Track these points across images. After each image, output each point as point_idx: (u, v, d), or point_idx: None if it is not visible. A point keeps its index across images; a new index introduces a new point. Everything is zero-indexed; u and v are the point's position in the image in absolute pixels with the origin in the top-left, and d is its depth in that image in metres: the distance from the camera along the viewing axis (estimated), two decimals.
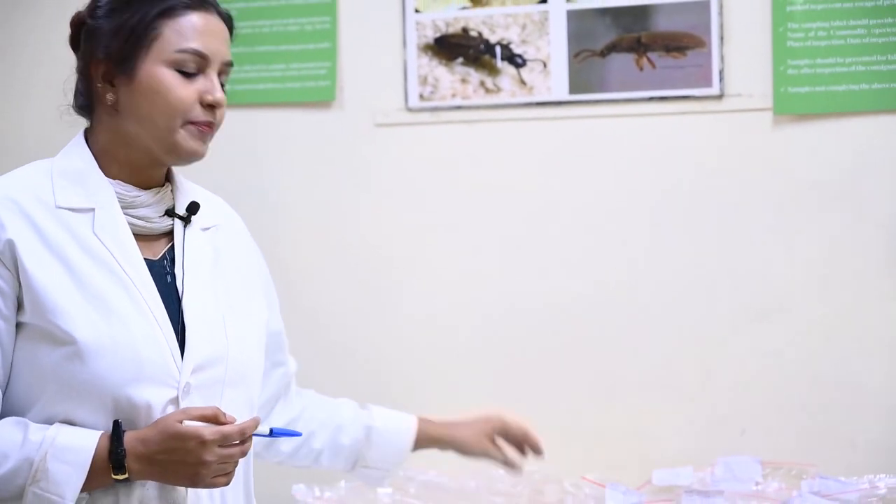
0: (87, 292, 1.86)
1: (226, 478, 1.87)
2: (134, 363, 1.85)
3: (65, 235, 1.87)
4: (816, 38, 2.95)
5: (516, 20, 3.17)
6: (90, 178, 1.92)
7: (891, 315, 2.96)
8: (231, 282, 2.05)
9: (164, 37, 1.89)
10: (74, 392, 1.84)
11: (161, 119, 1.89)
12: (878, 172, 2.95)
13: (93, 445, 1.81)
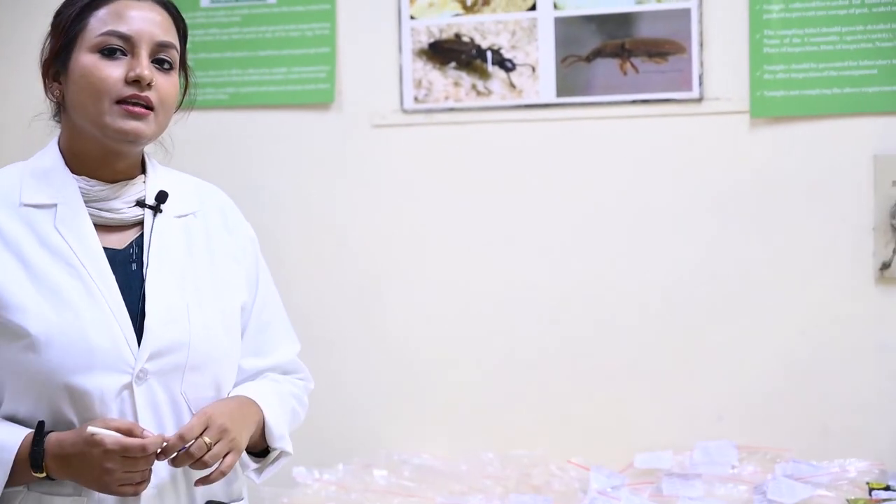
0: (42, 286, 1.86)
1: (132, 488, 1.83)
2: (85, 351, 1.84)
3: (25, 232, 1.88)
4: (791, 45, 2.95)
5: (506, 27, 3.17)
6: (55, 175, 1.93)
7: (860, 309, 2.96)
8: (204, 267, 2.02)
9: (89, 26, 1.89)
10: (31, 383, 1.84)
11: (89, 102, 1.88)
12: (849, 172, 2.95)
13: (16, 444, 1.82)
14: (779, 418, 3.00)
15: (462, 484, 2.90)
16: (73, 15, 1.91)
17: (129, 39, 1.89)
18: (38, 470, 1.81)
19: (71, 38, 1.90)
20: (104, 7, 1.90)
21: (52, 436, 1.82)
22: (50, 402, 1.84)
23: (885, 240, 2.92)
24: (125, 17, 1.90)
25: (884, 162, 2.91)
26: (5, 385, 1.87)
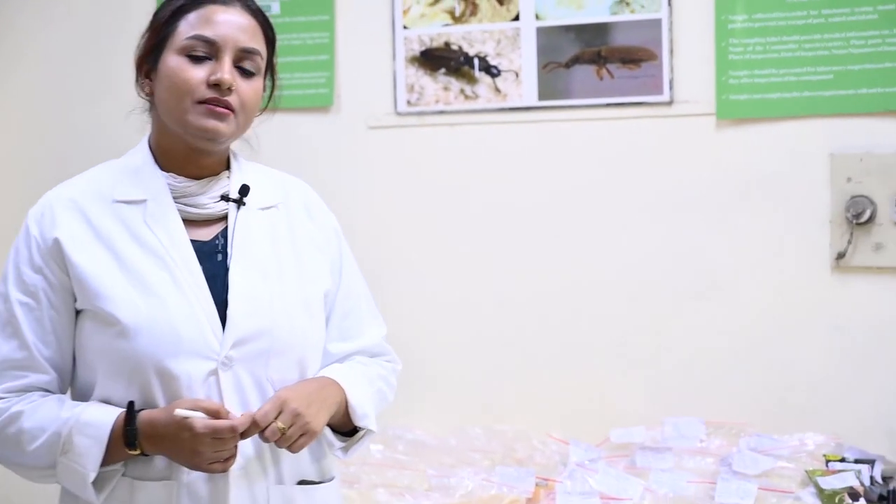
0: (132, 277, 1.85)
1: (221, 465, 1.81)
2: (172, 339, 1.83)
3: (117, 226, 1.88)
4: (754, 52, 2.98)
5: (492, 36, 3.19)
6: (146, 172, 1.92)
7: (818, 295, 2.98)
8: (287, 257, 2.00)
9: (179, 29, 1.88)
10: (123, 368, 1.84)
11: (173, 101, 1.87)
12: (807, 170, 2.97)
13: (110, 422, 1.81)
14: (743, 396, 3.02)
15: (451, 457, 2.91)
16: (165, 17, 1.91)
17: (213, 44, 1.87)
18: (132, 448, 1.81)
19: (162, 39, 1.89)
20: (194, 11, 1.89)
21: (143, 414, 1.81)
22: (140, 386, 1.84)
23: (840, 232, 2.94)
24: (212, 22, 1.88)
25: (839, 160, 2.93)
26: (98, 372, 1.86)
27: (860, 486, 2.66)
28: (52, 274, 1.86)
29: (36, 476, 1.89)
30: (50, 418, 1.83)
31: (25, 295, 1.86)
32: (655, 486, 2.71)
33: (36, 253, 1.86)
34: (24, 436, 1.83)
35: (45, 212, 1.89)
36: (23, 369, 1.86)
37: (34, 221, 1.89)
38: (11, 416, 1.83)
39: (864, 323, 2.96)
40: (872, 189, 2.92)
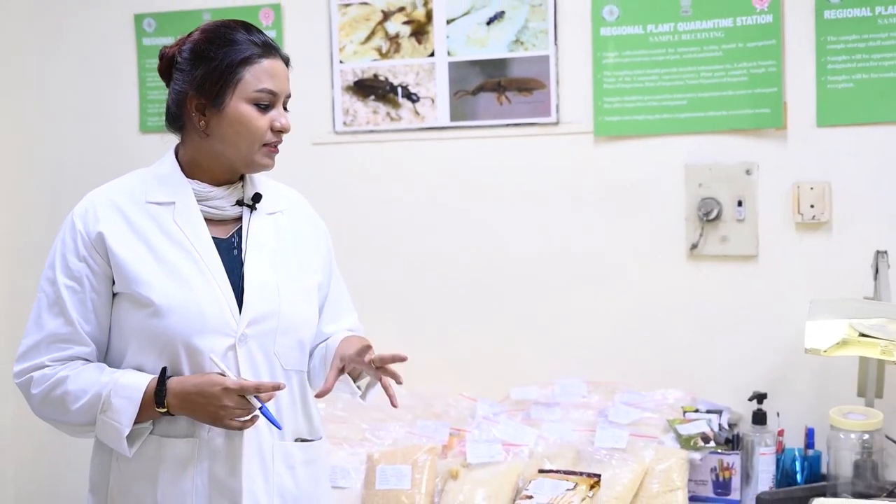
0: (164, 266, 1.88)
1: (239, 423, 1.85)
2: (198, 318, 1.86)
3: (150, 224, 1.90)
4: (623, 82, 3.02)
5: (412, 69, 3.23)
6: (173, 179, 1.94)
7: (675, 278, 3.03)
8: (290, 253, 2.02)
9: (245, 80, 1.88)
10: (155, 343, 1.87)
11: (244, 144, 1.90)
12: (667, 177, 3.02)
13: (143, 385, 1.84)
14: (617, 360, 3.07)
15: (382, 413, 2.93)
16: (231, 68, 1.88)
17: (275, 95, 1.91)
18: (160, 406, 1.83)
19: (225, 85, 1.88)
20: (257, 64, 1.89)
21: (173, 379, 1.85)
22: (169, 359, 1.87)
23: (694, 227, 2.99)
24: (272, 74, 1.90)
25: (692, 169, 2.99)
26: (130, 345, 1.89)
27: (711, 431, 2.74)
28: (95, 262, 1.88)
29: (77, 431, 1.92)
30: (91, 381, 1.85)
31: (71, 280, 1.88)
32: (546, 434, 2.77)
33: (81, 245, 1.88)
34: (69, 397, 1.85)
35: (89, 209, 1.91)
36: (67, 342, 1.88)
37: (79, 218, 1.90)
38: (58, 379, 1.86)
39: (713, 300, 3.00)
40: (719, 193, 2.97)
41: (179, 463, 1.89)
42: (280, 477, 1.96)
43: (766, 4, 2.90)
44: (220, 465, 1.90)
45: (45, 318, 1.89)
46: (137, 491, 1.91)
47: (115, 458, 1.92)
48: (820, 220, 2.90)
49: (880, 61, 2.82)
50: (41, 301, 1.91)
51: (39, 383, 1.87)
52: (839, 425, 2.69)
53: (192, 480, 1.89)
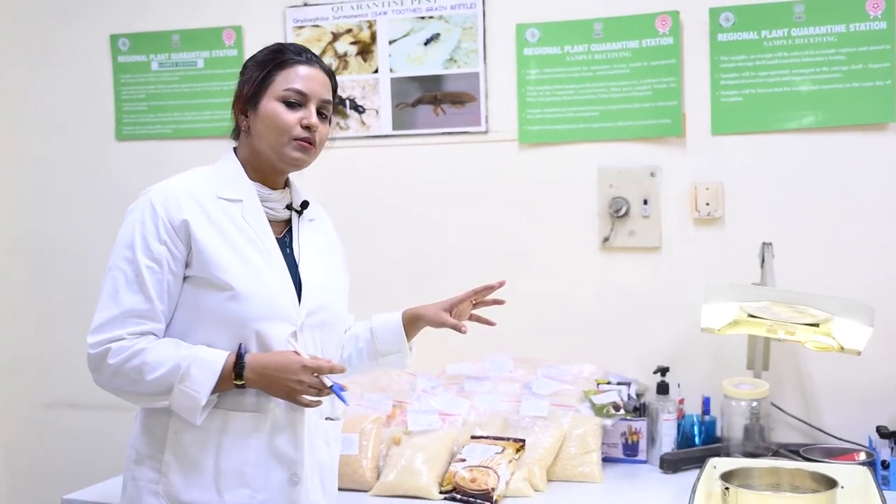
0: (238, 256, 1.85)
1: (309, 400, 1.83)
2: (269, 305, 1.85)
3: (223, 217, 1.87)
4: (544, 96, 3.04)
5: (359, 83, 3.23)
6: (240, 180, 1.93)
7: (590, 267, 3.04)
8: (328, 257, 2.05)
9: (276, 81, 1.89)
10: (228, 326, 1.83)
11: (273, 137, 1.89)
12: (582, 179, 3.02)
13: (223, 359, 1.81)
14: (539, 338, 3.07)
15: None
16: (265, 70, 1.90)
17: (304, 95, 1.89)
18: (238, 378, 1.81)
19: (260, 88, 1.90)
20: (290, 68, 1.90)
21: (251, 354, 1.83)
22: (240, 341, 1.84)
23: (605, 222, 3.01)
24: (302, 77, 1.90)
25: (604, 172, 3.00)
26: (200, 325, 1.84)
27: (621, 400, 2.76)
28: (175, 247, 1.82)
29: (146, 401, 1.85)
30: (170, 354, 1.80)
31: (151, 261, 1.82)
32: (478, 405, 2.77)
33: (162, 229, 1.82)
34: (146, 367, 1.79)
35: (169, 197, 1.85)
36: (144, 318, 1.82)
37: (160, 205, 1.84)
38: (135, 351, 1.80)
39: (622, 286, 3.03)
40: (627, 192, 2.99)
41: (243, 434, 1.86)
42: (319, 451, 1.97)
43: (668, 28, 2.94)
44: (282, 437, 1.88)
45: (123, 294, 1.82)
46: (198, 460, 1.85)
47: (174, 430, 1.86)
48: (714, 216, 2.94)
49: (766, 78, 2.88)
50: (117, 278, 1.83)
51: (116, 354, 1.80)
52: (731, 394, 2.74)
53: (253, 450, 1.86)
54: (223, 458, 1.85)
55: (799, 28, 2.84)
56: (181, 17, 3.46)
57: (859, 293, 2.69)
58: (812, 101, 2.84)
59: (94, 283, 3.25)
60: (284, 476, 1.88)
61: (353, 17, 3.25)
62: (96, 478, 2.78)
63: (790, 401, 2.88)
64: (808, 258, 2.86)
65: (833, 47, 2.81)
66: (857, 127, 2.81)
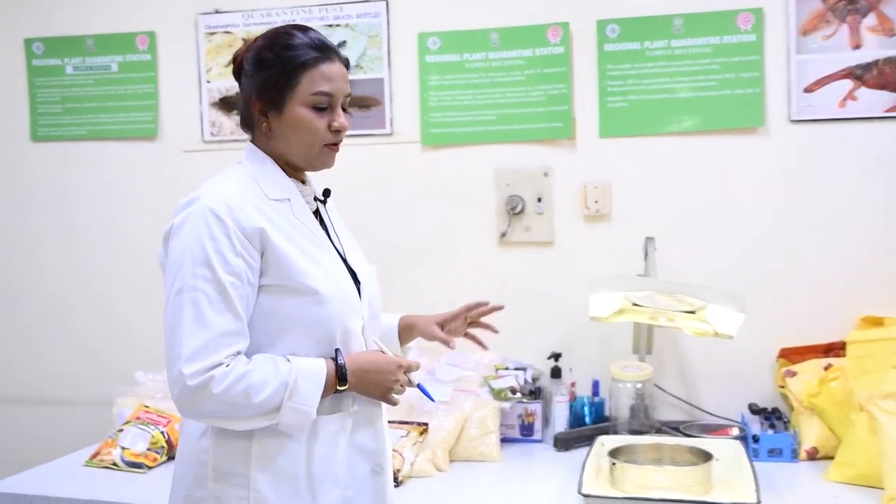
0: (310, 258, 1.69)
1: (398, 399, 1.76)
2: (347, 303, 1.72)
3: (281, 219, 1.69)
4: (444, 101, 3.05)
5: None
6: (280, 178, 1.75)
7: (489, 260, 3.05)
8: (353, 243, 1.90)
9: (302, 84, 1.69)
10: (315, 328, 1.67)
11: (304, 145, 1.72)
12: (481, 178, 3.04)
13: (324, 367, 1.66)
14: None
15: None
16: (287, 70, 1.69)
17: (332, 97, 1.71)
18: (343, 383, 1.68)
19: (283, 90, 1.69)
20: (313, 68, 1.70)
21: (347, 357, 1.69)
22: (326, 341, 1.69)
23: (502, 219, 3.04)
24: (328, 77, 1.71)
25: (501, 172, 3.03)
26: (285, 333, 1.67)
27: (517, 384, 2.79)
28: (251, 257, 1.63)
29: (251, 424, 1.63)
30: (272, 371, 1.61)
31: (231, 275, 1.61)
32: None
33: (237, 241, 1.62)
34: (252, 389, 1.59)
35: (234, 207, 1.64)
36: (236, 336, 1.61)
37: (226, 215, 1.63)
38: (240, 375, 1.59)
39: (519, 278, 3.05)
40: (523, 191, 3.01)
41: (331, 437, 1.72)
42: (387, 437, 1.86)
43: (559, 38, 2.98)
44: (364, 431, 1.76)
45: (211, 316, 1.59)
46: (289, 470, 1.68)
47: (259, 443, 1.67)
48: (602, 213, 2.98)
49: (648, 86, 2.94)
50: (199, 300, 1.59)
51: (221, 381, 1.57)
52: (618, 377, 2.80)
53: (341, 450, 1.73)
54: (315, 463, 1.70)
55: (678, 39, 2.91)
56: (95, 23, 3.39)
57: (732, 282, 2.78)
58: (690, 106, 2.91)
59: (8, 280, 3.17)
60: (368, 468, 1.77)
61: (263, 25, 3.22)
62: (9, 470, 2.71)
63: (671, 382, 2.95)
64: (687, 251, 2.93)
65: (708, 58, 2.89)
66: (731, 131, 2.89)
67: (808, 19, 2.83)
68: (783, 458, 2.59)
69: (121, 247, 3.41)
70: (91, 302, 3.46)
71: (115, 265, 3.42)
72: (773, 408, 2.83)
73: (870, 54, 2.79)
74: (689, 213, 2.94)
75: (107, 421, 2.94)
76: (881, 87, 2.79)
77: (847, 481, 2.41)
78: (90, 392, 3.36)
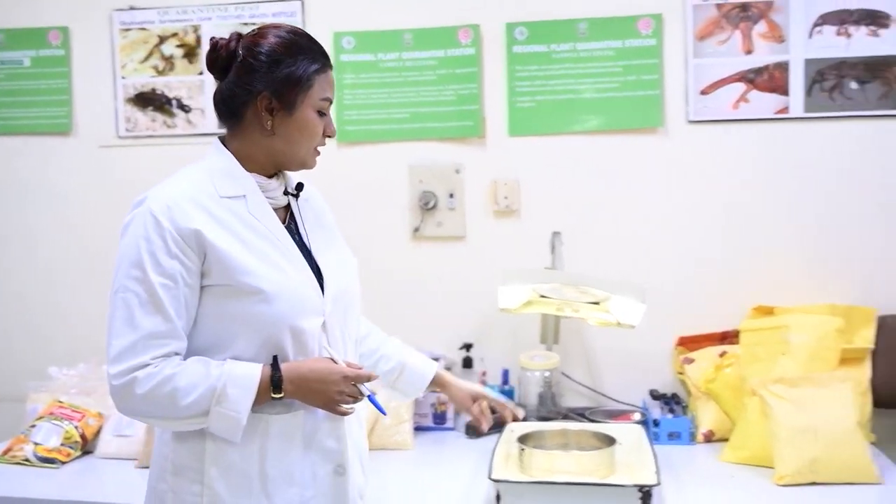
0: (258, 256, 1.62)
1: (346, 409, 1.66)
2: (299, 301, 1.63)
3: (231, 217, 1.63)
4: (359, 99, 3.04)
5: (185, 84, 3.15)
6: (236, 173, 1.68)
7: (404, 254, 3.06)
8: (330, 235, 1.83)
9: (315, 88, 1.67)
10: (262, 329, 1.60)
11: (304, 146, 1.69)
12: (395, 175, 3.04)
13: (258, 373, 1.59)
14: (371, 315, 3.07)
15: None
16: (306, 75, 1.66)
17: (331, 102, 1.72)
18: (277, 391, 1.60)
19: (300, 92, 1.66)
20: (324, 74, 1.68)
21: (286, 364, 1.61)
22: (275, 342, 1.61)
23: (416, 214, 3.04)
24: (331, 84, 1.71)
25: (414, 169, 3.03)
26: (228, 334, 1.61)
27: None
28: (188, 259, 1.57)
29: (182, 426, 1.61)
30: (201, 375, 1.56)
31: (164, 277, 1.56)
32: None
33: (171, 242, 1.57)
34: (179, 392, 1.55)
35: (172, 207, 1.59)
36: (166, 338, 1.57)
37: (163, 216, 1.58)
38: (165, 377, 1.55)
39: (431, 271, 3.06)
40: (435, 187, 3.02)
41: (286, 436, 1.66)
42: (356, 436, 1.78)
43: (469, 39, 2.99)
44: (323, 431, 1.69)
45: (140, 317, 1.56)
46: (243, 467, 1.63)
47: (212, 440, 1.62)
48: (511, 209, 3.01)
49: (555, 86, 2.97)
50: (129, 301, 1.56)
51: (145, 383, 1.54)
52: (527, 366, 2.83)
53: (298, 449, 1.67)
54: (269, 462, 1.64)
55: (583, 43, 2.95)
56: (7, 17, 3.28)
57: (634, 275, 2.83)
58: (594, 107, 2.95)
59: None
60: (330, 468, 1.70)
61: (179, 22, 3.16)
62: None
63: (577, 370, 2.99)
64: (592, 245, 2.97)
65: (611, 60, 2.94)
66: (633, 130, 2.95)
67: (704, 25, 2.90)
68: (682, 441, 2.65)
69: (33, 242, 3.31)
70: (2, 298, 3.35)
71: (25, 261, 3.32)
72: (672, 393, 2.89)
73: (761, 59, 2.87)
74: (593, 208, 2.98)
75: (20, 417, 2.85)
76: (771, 91, 2.88)
77: (741, 462, 2.48)
78: (2, 388, 3.26)
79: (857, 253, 2.86)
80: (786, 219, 2.89)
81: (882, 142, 2.84)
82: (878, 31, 2.82)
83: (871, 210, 2.86)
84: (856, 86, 2.83)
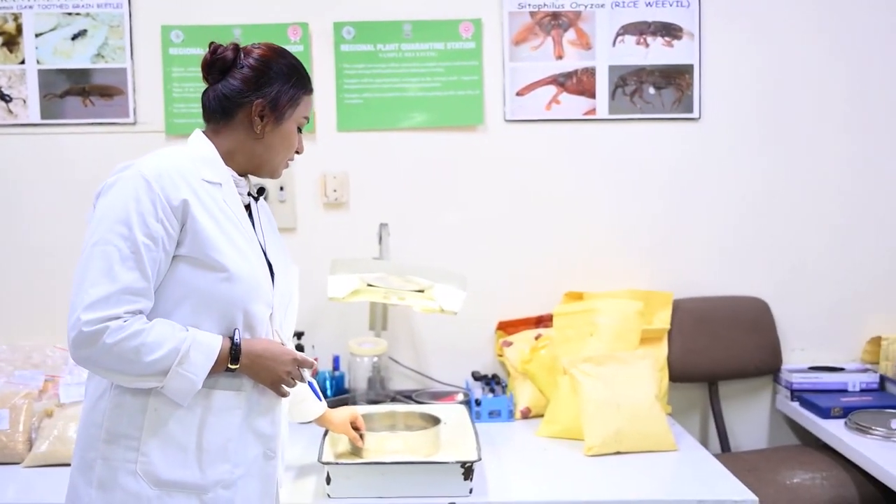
0: (227, 237, 1.64)
1: (287, 391, 1.73)
2: (256, 287, 1.66)
3: (208, 198, 1.64)
4: (187, 92, 2.92)
5: (5, 73, 2.92)
6: (217, 163, 1.71)
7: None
8: (279, 241, 1.86)
9: (300, 106, 1.75)
10: (219, 306, 1.62)
11: (282, 156, 1.76)
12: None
13: (219, 343, 1.61)
14: None
15: None
16: (298, 93, 1.74)
17: (307, 122, 1.80)
18: (234, 363, 1.63)
19: (291, 106, 1.74)
20: (309, 96, 1.77)
21: (244, 340, 1.64)
22: (227, 321, 1.63)
23: None
24: (310, 105, 1.80)
25: None
26: (186, 305, 1.60)
27: None
28: (171, 226, 1.58)
29: (136, 382, 1.59)
30: (168, 335, 1.56)
31: (148, 238, 1.56)
32: None
33: (159, 208, 1.57)
34: (145, 348, 1.54)
35: (163, 175, 1.60)
36: (139, 296, 1.56)
37: (155, 182, 1.58)
38: (135, 332, 1.54)
39: None
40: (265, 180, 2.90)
41: (226, 411, 1.66)
42: (284, 428, 1.83)
43: (299, 37, 2.92)
44: (260, 415, 1.70)
45: (119, 271, 1.55)
46: (181, 438, 1.63)
47: (154, 409, 1.62)
48: (341, 201, 2.97)
49: (381, 85, 2.95)
50: (110, 254, 1.55)
51: (114, 333, 1.53)
52: (356, 352, 2.81)
53: (235, 427, 1.67)
54: (206, 435, 1.65)
55: (408, 43, 2.94)
56: None
57: (456, 264, 2.86)
58: (419, 105, 2.94)
59: None
60: (260, 451, 1.71)
61: (2, 9, 2.93)
62: None
63: (405, 354, 2.99)
64: (417, 236, 2.97)
65: (434, 61, 2.94)
66: (456, 127, 2.97)
67: (520, 31, 2.94)
68: (501, 419, 2.69)
69: None
70: None
71: None
72: (493, 374, 2.94)
73: (571, 64, 2.94)
74: (419, 201, 2.98)
75: None
76: (580, 94, 2.95)
77: (554, 436, 2.54)
78: None
79: (655, 242, 2.98)
80: (594, 211, 2.99)
81: (675, 142, 2.97)
82: (672, 42, 2.94)
83: (667, 203, 2.99)
84: (653, 91, 2.95)
